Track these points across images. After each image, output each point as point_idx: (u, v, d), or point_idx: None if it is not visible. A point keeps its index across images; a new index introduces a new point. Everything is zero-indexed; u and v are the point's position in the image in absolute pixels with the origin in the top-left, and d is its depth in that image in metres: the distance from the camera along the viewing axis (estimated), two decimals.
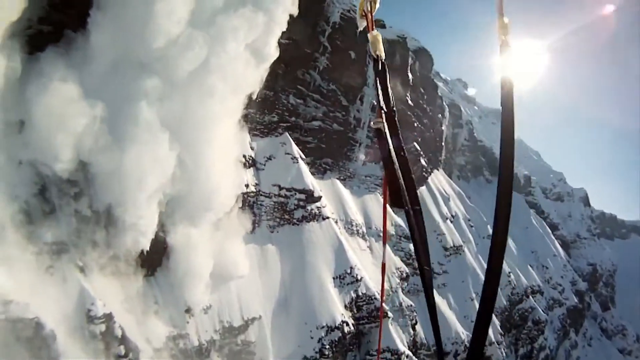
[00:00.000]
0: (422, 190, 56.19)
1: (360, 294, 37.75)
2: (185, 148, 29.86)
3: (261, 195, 39.28)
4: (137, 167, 27.35)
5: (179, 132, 29.48)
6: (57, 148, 25.13)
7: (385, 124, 2.30)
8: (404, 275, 44.42)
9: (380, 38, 2.60)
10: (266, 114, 41.48)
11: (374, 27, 2.70)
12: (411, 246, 39.39)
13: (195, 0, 29.33)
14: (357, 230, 43.29)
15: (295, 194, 40.06)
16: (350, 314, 36.79)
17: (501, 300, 58.39)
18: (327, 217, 40.55)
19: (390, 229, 45.23)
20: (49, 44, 26.96)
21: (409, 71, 56.47)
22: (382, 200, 44.45)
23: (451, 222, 58.23)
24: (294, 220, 39.77)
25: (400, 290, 42.95)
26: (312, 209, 40.16)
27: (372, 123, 2.34)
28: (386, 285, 41.09)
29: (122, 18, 27.19)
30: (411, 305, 43.52)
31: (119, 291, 28.76)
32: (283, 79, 41.61)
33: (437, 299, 47.73)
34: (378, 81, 2.59)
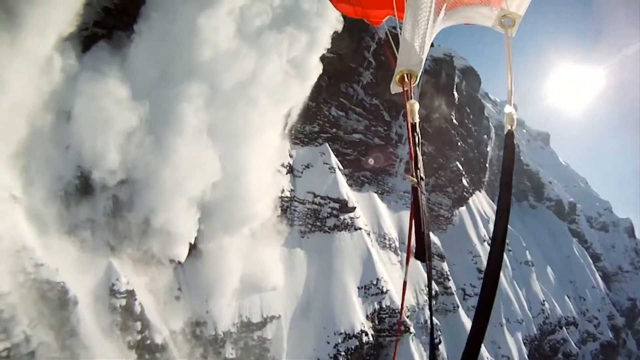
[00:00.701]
0: (462, 211, 55.57)
1: (384, 306, 37.88)
2: (227, 155, 30.66)
3: (295, 200, 40.17)
4: (178, 170, 28.54)
5: (221, 140, 30.44)
6: (101, 142, 27.00)
7: (420, 184, 2.56)
8: (433, 293, 44.09)
9: (417, 107, 2.83)
10: (307, 124, 42.47)
11: (412, 96, 2.89)
12: (443, 265, 39.09)
13: (241, 16, 30.77)
14: (390, 245, 43.43)
15: (330, 202, 40.73)
16: (371, 325, 36.98)
17: (532, 329, 56.62)
18: (360, 228, 40.97)
19: None
20: (102, 45, 28.98)
21: (454, 90, 56.12)
22: None
23: (489, 245, 57.01)
24: (326, 228, 40.41)
25: (426, 308, 42.67)
26: (344, 219, 40.70)
27: (404, 178, 2.73)
28: (413, 302, 41.00)
29: (169, 27, 28.98)
30: (437, 324, 43.13)
31: (145, 273, 30.28)
32: (326, 91, 42.53)
33: (466, 320, 46.96)
34: (412, 146, 2.78)
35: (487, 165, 68.69)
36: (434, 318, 41.89)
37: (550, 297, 62.88)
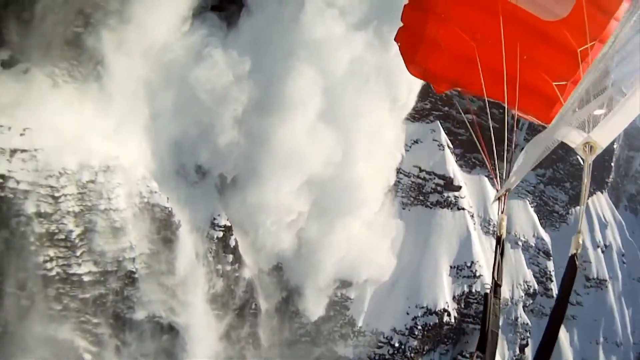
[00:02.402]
0: (578, 210, 50.65)
1: (473, 290, 36.13)
2: (339, 138, 30.52)
3: (400, 173, 39.66)
4: (286, 152, 29.31)
5: (334, 121, 30.37)
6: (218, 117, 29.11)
7: (497, 289, 2.87)
8: (531, 291, 40.81)
9: (505, 222, 3.09)
10: (419, 100, 41.25)
11: (504, 210, 3.17)
12: (548, 263, 35.80)
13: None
14: (494, 231, 41.21)
15: (435, 178, 39.62)
16: (456, 307, 35.64)
17: (630, 356, 50.03)
18: (462, 208, 39.31)
19: (531, 240, 41.90)
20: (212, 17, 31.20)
21: None
22: (529, 209, 41.49)
23: (602, 252, 51.07)
24: (428, 203, 39.52)
25: (521, 305, 39.92)
26: (448, 196, 39.34)
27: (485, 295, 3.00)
28: (507, 295, 38.67)
29: (278, 9, 30.04)
30: (527, 324, 40.25)
31: None
32: None
33: (560, 330, 43.18)
34: (496, 255, 3.05)
35: (613, 164, 61.27)
36: (525, 316, 39.33)
37: None
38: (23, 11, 23.48)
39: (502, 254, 2.99)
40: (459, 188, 39.60)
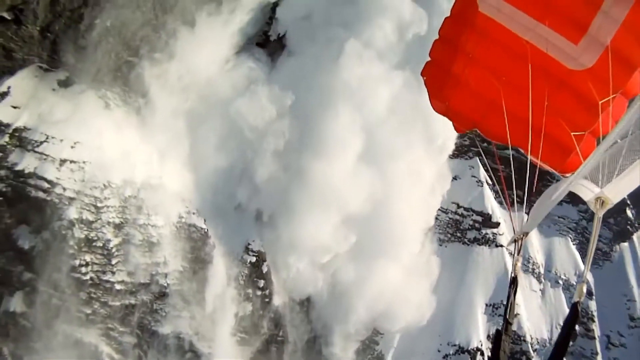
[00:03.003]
0: (623, 247, 46.37)
1: None
2: (378, 175, 30.51)
3: (439, 209, 38.74)
4: (325, 184, 29.61)
5: (372, 159, 30.55)
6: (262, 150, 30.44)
7: (508, 327, 3.11)
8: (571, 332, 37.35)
9: (520, 264, 3.43)
10: (458, 137, 40.90)
11: (520, 252, 3.49)
12: (590, 303, 32.81)
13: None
14: (533, 270, 38.59)
15: (473, 214, 38.42)
16: (490, 346, 33.10)
17: None
18: (501, 246, 37.51)
19: (573, 279, 38.92)
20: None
21: None
22: (571, 246, 38.81)
23: None
24: (465, 240, 38.16)
25: None
26: (486, 233, 37.78)
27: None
28: (546, 336, 35.49)
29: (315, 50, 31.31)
30: None
31: None
32: None
33: None
34: (510, 295, 3.25)
35: None
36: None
37: None
38: (80, 38, 26.42)
39: (514, 293, 3.22)
40: (497, 225, 38.03)
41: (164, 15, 29.15)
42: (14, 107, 25.63)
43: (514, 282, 3.26)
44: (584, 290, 2.79)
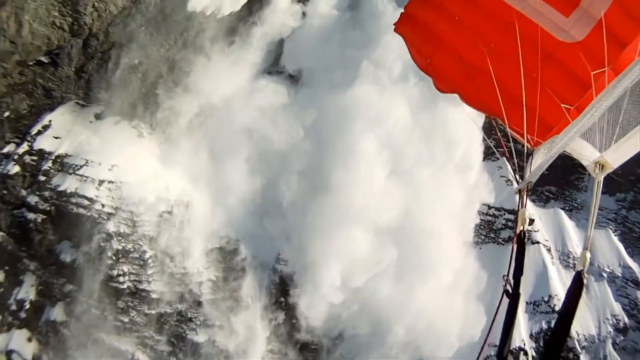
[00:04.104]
0: None
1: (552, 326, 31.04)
2: (406, 191, 30.92)
3: None
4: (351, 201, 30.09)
5: (398, 176, 31.17)
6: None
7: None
8: (621, 326, 33.90)
9: (527, 215, 3.30)
10: (484, 139, 40.40)
11: (525, 204, 3.32)
12: (638, 293, 30.36)
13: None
14: (574, 264, 36.24)
15: (505, 214, 37.14)
16: (534, 346, 31.12)
17: None
18: (537, 242, 35.72)
19: (617, 270, 35.97)
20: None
21: None
22: (612, 237, 36.30)
23: None
24: (500, 240, 36.79)
25: (609, 342, 33.12)
26: None
27: (505, 285, 2.96)
28: (594, 332, 32.60)
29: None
30: None
31: None
32: None
33: None
34: (517, 255, 3.00)
35: None
36: (616, 354, 32.35)
37: None
38: (111, 76, 29.27)
39: (524, 253, 2.91)
40: (532, 221, 36.38)
41: (184, 50, 31.87)
42: (55, 138, 28.43)
43: (522, 237, 2.83)
44: (588, 257, 2.54)
